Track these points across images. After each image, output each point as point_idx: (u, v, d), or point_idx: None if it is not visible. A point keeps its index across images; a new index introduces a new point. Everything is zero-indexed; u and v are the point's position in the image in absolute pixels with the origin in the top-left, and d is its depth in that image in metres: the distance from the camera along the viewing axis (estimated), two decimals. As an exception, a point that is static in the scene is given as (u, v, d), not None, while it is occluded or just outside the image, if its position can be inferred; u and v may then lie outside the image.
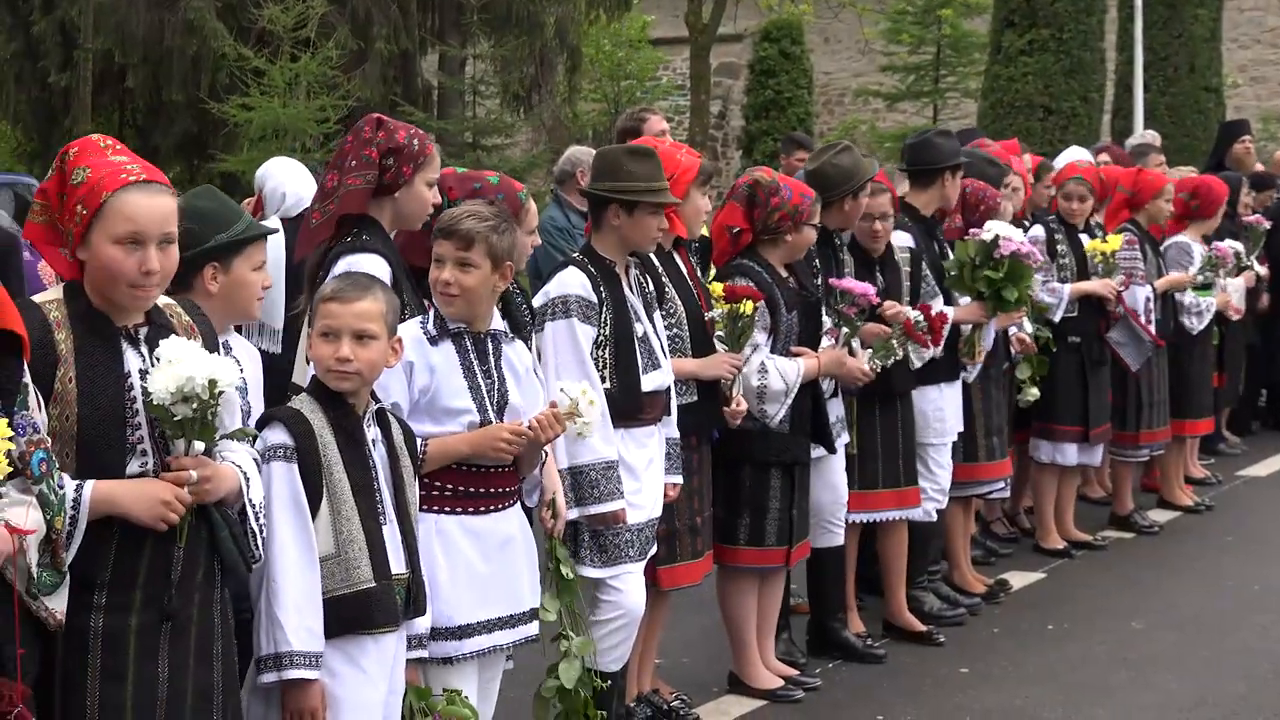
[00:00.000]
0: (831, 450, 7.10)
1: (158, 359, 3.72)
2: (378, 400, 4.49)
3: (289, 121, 17.45)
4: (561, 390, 5.10)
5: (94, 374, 3.72)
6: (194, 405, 3.69)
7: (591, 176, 6.21)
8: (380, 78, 21.35)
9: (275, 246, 5.94)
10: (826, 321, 7.10)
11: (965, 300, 8.20)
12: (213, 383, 3.69)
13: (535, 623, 5.04)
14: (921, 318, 7.62)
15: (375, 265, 4.95)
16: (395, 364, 4.55)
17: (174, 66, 21.90)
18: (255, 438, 4.13)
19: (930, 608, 8.19)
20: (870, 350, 7.25)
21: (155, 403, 3.69)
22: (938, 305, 7.83)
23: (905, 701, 7.05)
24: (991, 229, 8.16)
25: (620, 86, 28.85)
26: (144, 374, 3.77)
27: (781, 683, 7.10)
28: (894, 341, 7.39)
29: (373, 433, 4.43)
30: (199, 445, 3.78)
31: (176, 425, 3.72)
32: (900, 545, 7.96)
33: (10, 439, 3.26)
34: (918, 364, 7.65)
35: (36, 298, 3.79)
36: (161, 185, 3.80)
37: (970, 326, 8.17)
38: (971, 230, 8.28)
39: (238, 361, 4.34)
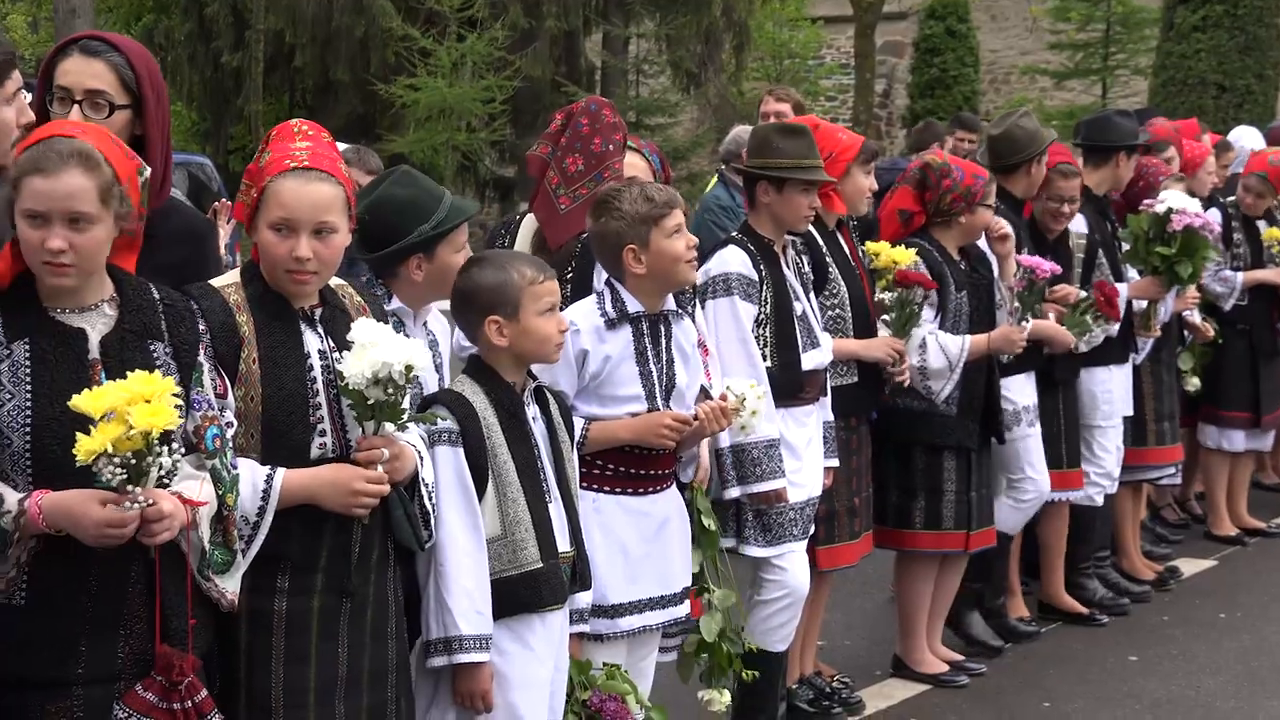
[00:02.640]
0: (1000, 440, 7.00)
1: (351, 342, 3.74)
2: (535, 378, 4.50)
3: (455, 102, 17.61)
4: (729, 387, 5.10)
5: (276, 355, 3.76)
6: (387, 389, 3.72)
7: (746, 155, 6.21)
8: (548, 57, 21.45)
9: None
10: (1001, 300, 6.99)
11: (1134, 275, 8.04)
12: (409, 368, 3.72)
13: (686, 603, 5.04)
14: (1094, 298, 7.51)
15: None
16: None
17: (342, 46, 22.18)
18: (438, 421, 4.15)
19: (1095, 595, 8.06)
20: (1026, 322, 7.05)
21: (351, 387, 3.71)
22: (1122, 290, 7.72)
23: (1073, 689, 6.95)
24: (1165, 200, 7.96)
25: (783, 65, 28.71)
26: (323, 355, 3.81)
27: (946, 668, 7.04)
28: (1087, 316, 7.30)
29: (532, 410, 4.43)
30: (389, 427, 3.81)
31: (368, 409, 3.74)
32: (1060, 527, 7.84)
33: (180, 408, 3.31)
34: (1085, 348, 7.52)
35: (214, 282, 3.83)
36: (322, 173, 3.78)
37: (1145, 301, 8.02)
38: (1145, 202, 8.09)
39: (435, 343, 4.42)
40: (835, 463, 6.17)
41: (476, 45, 17.94)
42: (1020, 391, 7.23)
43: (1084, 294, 7.53)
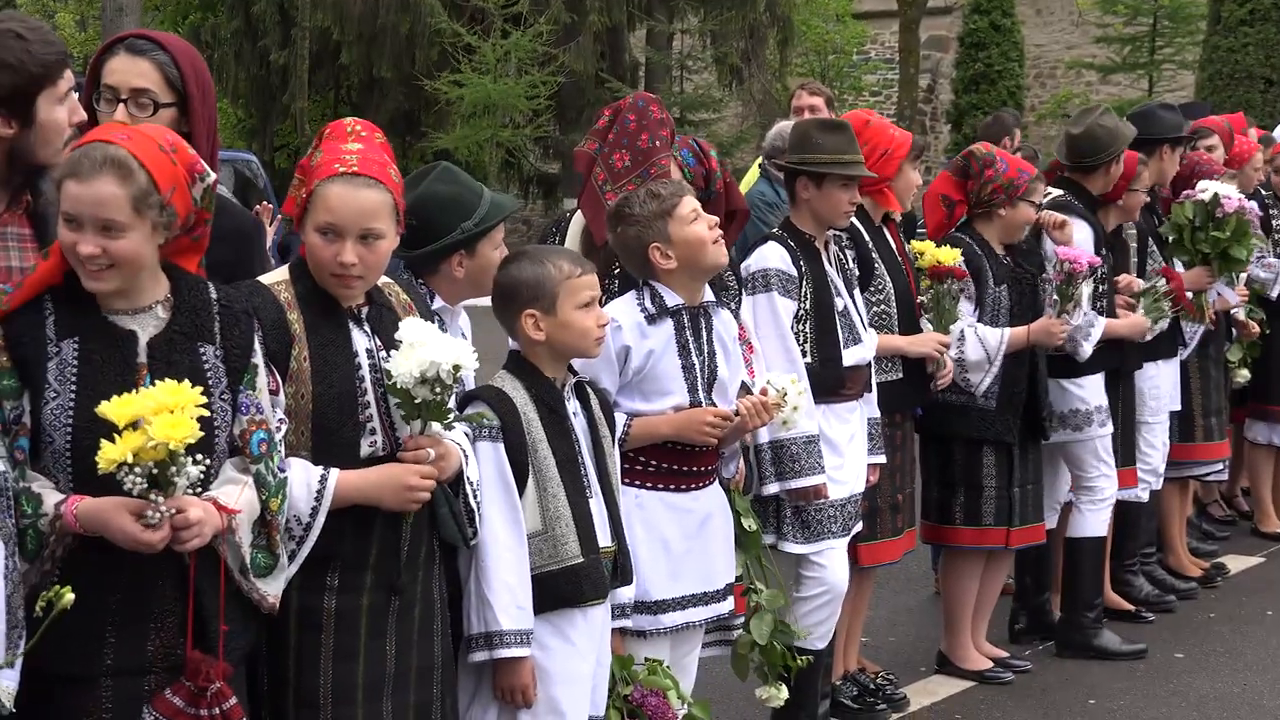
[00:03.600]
0: (1044, 437, 6.97)
1: (398, 341, 3.75)
2: (576, 373, 4.50)
3: (499, 98, 17.64)
4: (769, 382, 5.08)
5: (326, 353, 3.78)
6: (435, 388, 3.73)
7: (787, 150, 6.20)
8: (592, 53, 21.46)
9: None
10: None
11: (1179, 269, 8.00)
12: (456, 367, 3.73)
13: (729, 600, 5.03)
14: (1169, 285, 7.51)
15: None
16: None
17: (387, 43, 22.25)
18: (484, 419, 4.16)
19: (1141, 592, 8.02)
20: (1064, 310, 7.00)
21: (399, 386, 3.72)
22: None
23: (1118, 686, 6.92)
24: (1208, 188, 7.93)
25: (827, 61, 28.64)
26: (370, 353, 3.82)
27: (991, 664, 7.02)
28: (1164, 303, 7.28)
29: (573, 405, 4.43)
30: (435, 426, 3.83)
31: (415, 408, 3.76)
32: (1113, 525, 7.79)
33: (204, 405, 3.32)
34: (1149, 336, 7.49)
35: (264, 278, 3.85)
36: (370, 180, 3.78)
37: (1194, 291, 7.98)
38: (1185, 193, 8.05)
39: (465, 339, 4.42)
40: (882, 459, 6.16)
41: (520, 41, 17.97)
42: (1094, 391, 7.21)
43: (1146, 283, 7.50)
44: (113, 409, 3.20)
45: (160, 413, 3.18)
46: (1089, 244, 7.08)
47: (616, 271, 5.11)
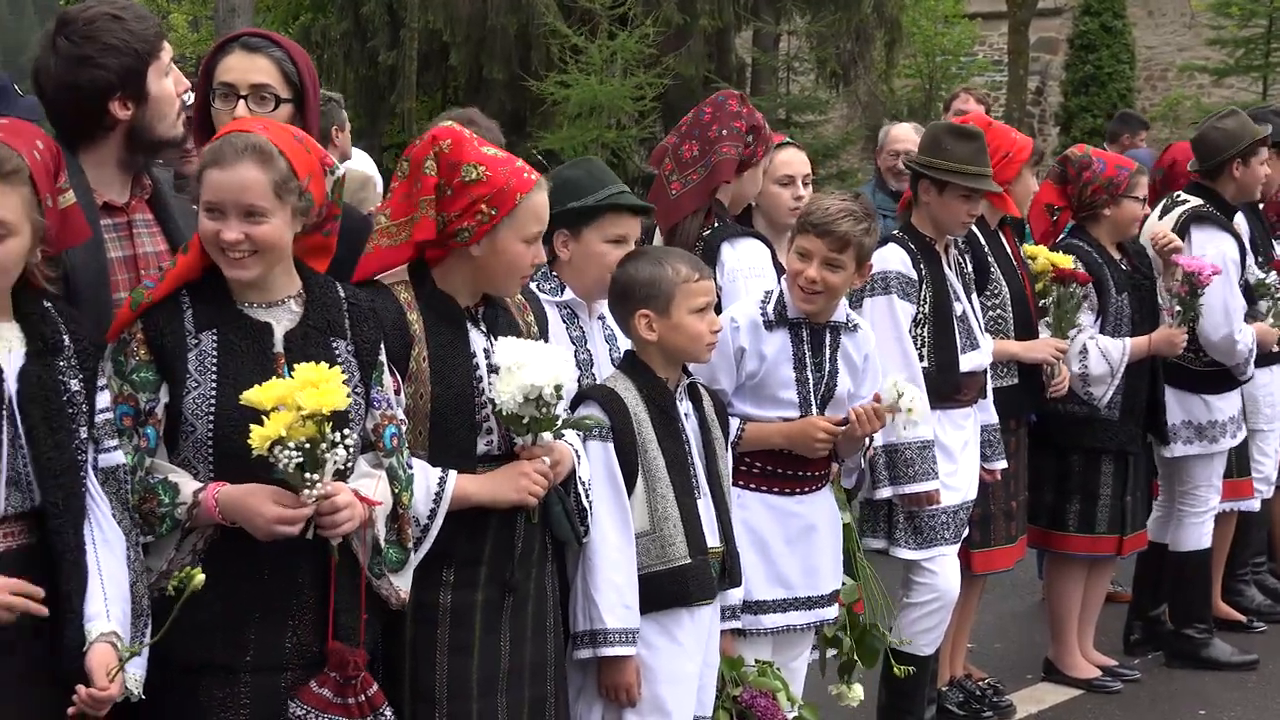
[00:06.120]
0: (1164, 441, 6.90)
1: (497, 366, 3.77)
2: (689, 374, 4.50)
3: (606, 99, 17.66)
4: (894, 385, 4.99)
5: (445, 354, 3.82)
6: (540, 407, 3.75)
7: (918, 149, 6.16)
8: (702, 54, 21.42)
9: None
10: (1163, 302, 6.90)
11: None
12: (558, 387, 3.76)
13: (834, 606, 5.01)
14: None
15: (760, 252, 5.01)
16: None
17: (496, 44, 22.33)
18: (594, 421, 4.18)
19: (1253, 601, 7.92)
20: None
21: (505, 413, 3.76)
22: None
23: (1229, 697, 6.85)
24: None
25: (935, 62, 28.44)
26: (487, 353, 3.86)
27: (1099, 673, 6.96)
28: None
29: (684, 406, 4.45)
30: (545, 435, 3.85)
31: (524, 426, 3.79)
32: (1226, 535, 7.70)
33: (359, 405, 3.38)
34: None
35: (383, 279, 3.88)
36: (543, 180, 3.90)
37: None
38: None
39: (613, 336, 4.49)
40: (1004, 464, 6.12)
41: (627, 43, 17.98)
42: (1232, 400, 7.14)
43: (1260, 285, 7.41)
44: (257, 394, 3.26)
45: (305, 389, 3.23)
46: (1233, 253, 7.00)
47: None
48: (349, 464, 3.42)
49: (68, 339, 3.34)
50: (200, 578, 3.20)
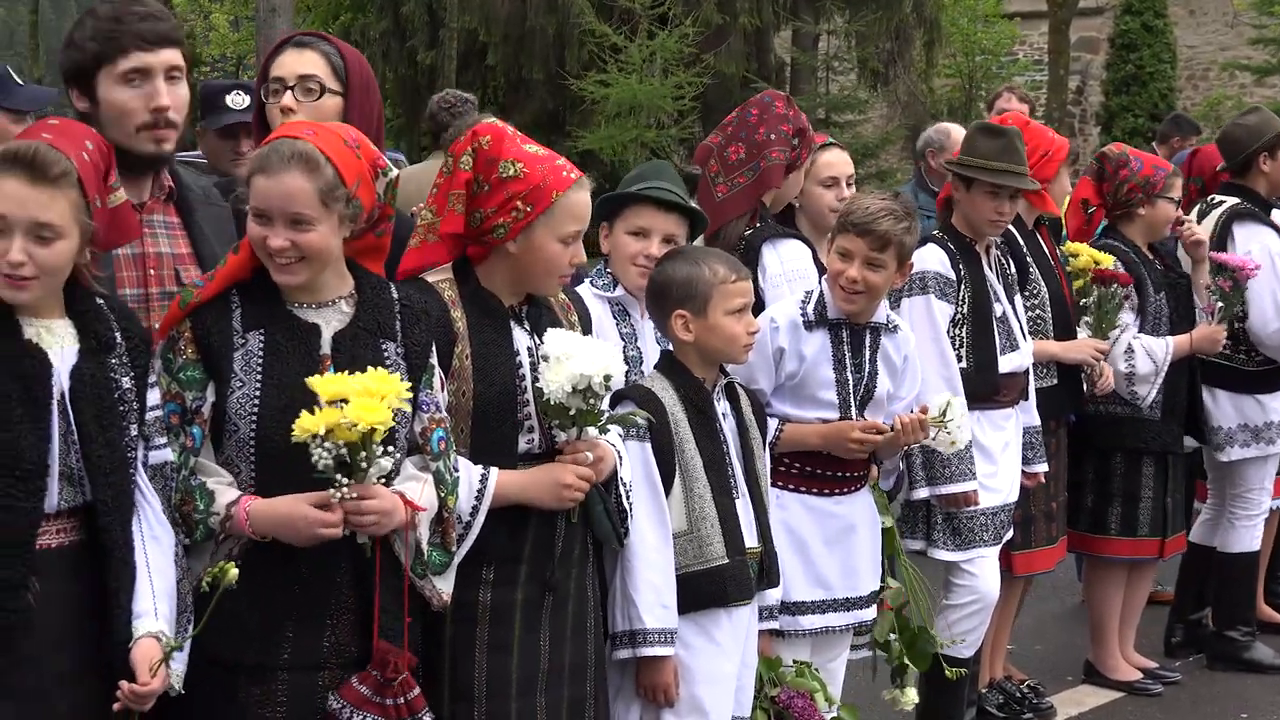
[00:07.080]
0: (1203, 441, 6.87)
1: (545, 357, 3.77)
2: (727, 374, 4.50)
3: (645, 98, 17.67)
4: (946, 402, 4.88)
5: (488, 351, 3.83)
6: (587, 399, 3.76)
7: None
8: (742, 54, 21.43)
9: None
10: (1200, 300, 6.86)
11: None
12: (608, 378, 3.76)
13: (873, 608, 5.00)
14: None
15: (802, 253, 4.99)
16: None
17: (535, 44, 22.37)
18: (637, 418, 4.16)
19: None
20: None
21: (553, 403, 3.75)
22: None
23: (1273, 700, 6.82)
24: None
25: (975, 62, 28.36)
26: (530, 352, 3.87)
27: (1140, 675, 6.93)
28: None
29: (722, 406, 4.44)
30: (590, 430, 3.86)
31: (570, 418, 3.80)
32: (1269, 536, 7.64)
33: (405, 412, 3.39)
34: None
35: (429, 276, 3.89)
36: (585, 179, 3.90)
37: None
38: None
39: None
40: (1045, 467, 6.10)
41: (667, 42, 17.99)
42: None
43: None
44: (320, 383, 3.28)
45: (364, 395, 3.23)
46: (1276, 246, 6.95)
47: None
48: (390, 475, 3.42)
49: (119, 336, 3.36)
50: (234, 572, 3.20)
